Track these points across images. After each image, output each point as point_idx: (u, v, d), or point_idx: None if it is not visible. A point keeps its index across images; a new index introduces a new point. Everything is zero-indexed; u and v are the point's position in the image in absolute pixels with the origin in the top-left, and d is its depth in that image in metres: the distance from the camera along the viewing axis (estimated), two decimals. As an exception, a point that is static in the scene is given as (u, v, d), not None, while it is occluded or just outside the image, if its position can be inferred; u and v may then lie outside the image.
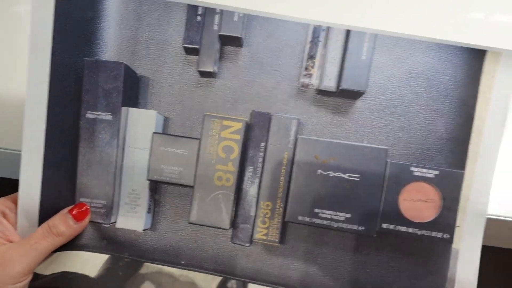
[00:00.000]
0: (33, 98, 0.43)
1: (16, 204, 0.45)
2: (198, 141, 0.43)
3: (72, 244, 0.44)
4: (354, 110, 0.43)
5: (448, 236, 0.41)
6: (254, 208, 0.44)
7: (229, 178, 0.43)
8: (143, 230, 0.45)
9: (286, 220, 0.43)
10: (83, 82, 0.43)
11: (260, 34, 0.43)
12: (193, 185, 0.43)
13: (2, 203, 0.45)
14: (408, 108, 0.43)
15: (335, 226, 0.42)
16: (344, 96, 0.43)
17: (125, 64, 0.43)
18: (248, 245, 0.44)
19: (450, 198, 0.41)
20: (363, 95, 0.43)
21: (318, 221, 0.42)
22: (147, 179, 0.44)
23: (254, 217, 0.44)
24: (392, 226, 0.41)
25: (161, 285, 0.45)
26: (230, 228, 0.44)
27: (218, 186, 0.43)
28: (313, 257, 0.44)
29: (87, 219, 0.44)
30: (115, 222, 0.45)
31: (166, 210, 0.45)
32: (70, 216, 0.43)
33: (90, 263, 0.45)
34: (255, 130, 0.43)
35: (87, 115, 0.43)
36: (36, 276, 0.43)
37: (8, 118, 0.51)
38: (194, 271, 0.45)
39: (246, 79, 0.44)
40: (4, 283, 0.40)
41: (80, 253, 0.45)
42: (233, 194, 0.43)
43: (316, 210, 0.42)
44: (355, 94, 0.43)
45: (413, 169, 0.42)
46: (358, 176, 0.42)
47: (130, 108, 0.44)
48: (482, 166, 0.41)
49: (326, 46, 0.42)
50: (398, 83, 0.43)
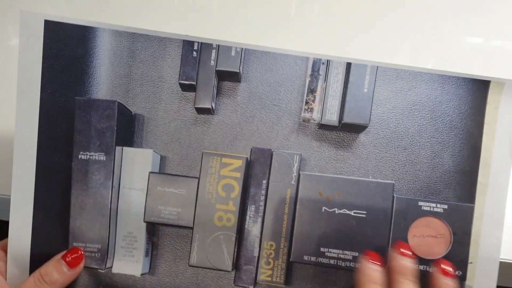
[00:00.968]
0: (22, 140, 0.40)
1: (5, 251, 0.42)
2: (197, 180, 0.41)
3: (65, 292, 0.42)
4: (358, 144, 0.41)
5: (460, 272, 0.39)
6: (257, 248, 0.41)
7: (230, 218, 0.41)
8: (141, 275, 0.42)
9: (291, 260, 0.40)
10: (75, 122, 0.40)
11: (258, 69, 0.42)
12: (192, 226, 0.41)
13: (-10, 251, 0.42)
14: (413, 141, 0.41)
15: (343, 265, 0.40)
16: (346, 130, 0.41)
17: (118, 102, 0.40)
18: (252, 287, 0.41)
19: (461, 233, 0.39)
20: (366, 129, 0.41)
21: (324, 260, 0.40)
22: (144, 221, 0.41)
23: (257, 258, 0.41)
24: (401, 264, 0.39)
25: (161, 332, 0.42)
26: (232, 270, 0.41)
27: (219, 226, 0.41)
28: (320, 299, 0.41)
29: (82, 265, 0.41)
30: (111, 267, 0.42)
31: (164, 253, 0.42)
32: (63, 262, 0.40)
33: (85, 312, 0.42)
34: (256, 167, 0.41)
35: (80, 156, 0.41)
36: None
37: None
38: (196, 317, 0.42)
39: (245, 115, 0.42)
40: None
41: (74, 301, 0.42)
42: (234, 235, 0.41)
43: (322, 249, 0.40)
44: (358, 128, 0.41)
45: (421, 203, 0.40)
46: (364, 212, 0.40)
47: (124, 147, 0.42)
48: (492, 198, 0.39)
49: (326, 79, 0.41)
50: (402, 116, 0.41)
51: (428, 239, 0.39)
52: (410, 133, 0.41)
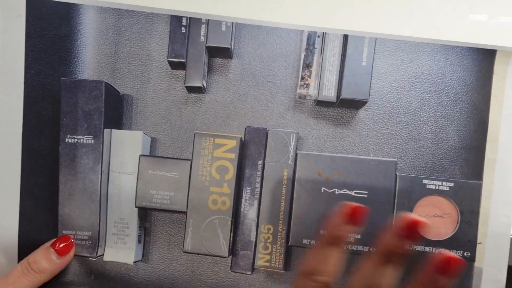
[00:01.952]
0: (6, 123, 0.38)
1: (-7, 240, 0.40)
2: (189, 162, 0.38)
3: (55, 281, 0.39)
4: (357, 120, 0.39)
5: (469, 254, 0.36)
6: (254, 232, 0.39)
7: (225, 201, 0.38)
8: (134, 262, 0.40)
9: (289, 244, 0.38)
10: (61, 104, 0.38)
11: (250, 44, 0.39)
12: (186, 210, 0.38)
13: (-22, 240, 0.40)
14: (415, 116, 0.38)
15: (345, 248, 0.37)
16: (345, 106, 0.39)
17: (106, 82, 0.38)
18: (249, 273, 0.39)
19: (468, 212, 0.36)
20: (366, 104, 0.38)
21: (324, 244, 0.37)
22: (136, 207, 0.39)
23: (254, 242, 0.39)
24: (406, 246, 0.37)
25: (155, 322, 0.39)
26: (229, 255, 0.38)
27: (214, 210, 0.38)
28: (321, 284, 0.39)
29: (72, 253, 0.39)
30: (103, 255, 0.39)
31: (158, 239, 0.40)
32: (52, 250, 0.38)
33: (77, 302, 0.40)
34: (251, 148, 0.39)
35: (67, 140, 0.38)
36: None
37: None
38: (192, 305, 0.39)
39: (238, 93, 0.39)
40: None
41: (65, 291, 0.40)
42: (230, 219, 0.38)
43: (322, 231, 0.37)
44: (357, 104, 0.38)
45: (425, 182, 0.37)
46: (366, 192, 0.37)
47: (113, 130, 0.39)
48: (501, 174, 0.37)
49: (322, 53, 0.38)
50: (403, 90, 0.38)
51: (434, 219, 0.37)
52: (413, 107, 0.38)
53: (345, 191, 0.37)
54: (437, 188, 0.37)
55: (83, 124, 0.38)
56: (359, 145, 0.39)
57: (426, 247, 0.36)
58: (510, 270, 0.36)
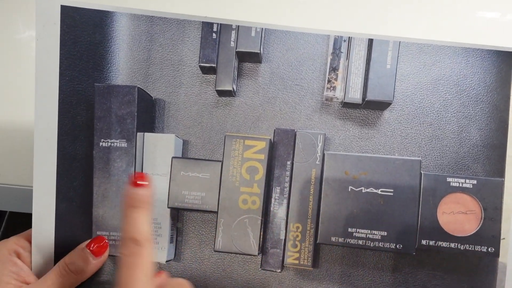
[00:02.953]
0: (42, 129, 0.38)
1: (30, 242, 0.40)
2: (220, 163, 0.39)
3: (92, 281, 0.40)
4: (382, 121, 0.39)
5: (493, 249, 0.37)
6: (284, 231, 0.39)
7: (255, 201, 0.39)
8: (167, 262, 0.40)
9: (318, 242, 0.38)
10: (95, 109, 0.39)
11: (279, 49, 0.40)
12: (217, 210, 0.39)
13: (15, 242, 0.40)
14: (438, 116, 0.39)
15: (371, 245, 0.38)
16: (370, 107, 0.39)
17: (138, 87, 0.39)
18: (279, 270, 0.39)
19: (491, 208, 0.37)
20: (391, 106, 0.39)
21: (352, 241, 0.38)
22: (168, 207, 0.39)
23: (284, 240, 0.39)
24: (432, 242, 0.37)
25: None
26: (259, 254, 0.39)
27: (244, 210, 0.39)
28: (349, 279, 0.39)
29: (106, 253, 0.39)
30: (136, 255, 0.40)
31: (189, 238, 0.41)
32: (88, 251, 0.38)
33: (112, 301, 0.40)
34: (280, 148, 0.39)
35: (101, 144, 0.39)
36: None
37: (18, 152, 0.46)
38: (223, 302, 0.40)
39: (267, 96, 0.40)
40: None
41: (100, 290, 0.40)
42: (260, 218, 0.39)
43: (349, 229, 0.38)
44: (382, 105, 0.39)
45: (449, 179, 0.38)
46: (392, 190, 0.38)
47: (146, 133, 0.40)
48: (522, 172, 0.37)
49: (348, 56, 0.39)
50: (426, 91, 0.39)
51: (458, 216, 0.37)
52: (436, 108, 0.39)
53: (371, 190, 0.38)
54: (460, 185, 0.38)
55: (117, 128, 0.39)
56: (384, 145, 0.39)
57: (452, 244, 0.37)
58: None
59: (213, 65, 0.39)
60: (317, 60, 0.39)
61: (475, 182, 0.37)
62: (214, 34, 0.39)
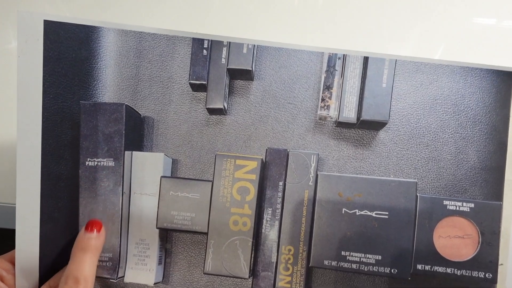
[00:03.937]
0: (25, 148, 0.36)
1: (13, 263, 0.38)
2: (211, 183, 0.37)
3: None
4: (377, 142, 0.38)
5: (490, 275, 0.35)
6: (275, 253, 0.38)
7: (246, 222, 0.37)
8: (155, 284, 0.38)
9: (310, 265, 0.37)
10: (80, 128, 0.37)
11: (271, 66, 0.38)
12: (207, 231, 0.37)
13: (-3, 264, 0.38)
14: (435, 137, 0.37)
15: (365, 269, 0.36)
16: (365, 127, 0.38)
17: (126, 105, 0.37)
18: (270, 294, 0.38)
19: (489, 232, 0.36)
20: (386, 126, 0.37)
21: (346, 265, 0.36)
22: (157, 228, 0.38)
23: (275, 263, 0.37)
24: (427, 267, 0.36)
25: None
26: (249, 277, 0.37)
27: (235, 231, 0.37)
28: (343, 305, 0.38)
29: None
30: (123, 277, 0.38)
31: (178, 260, 0.39)
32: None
33: (98, 325, 0.38)
34: (272, 169, 0.37)
35: (87, 163, 0.37)
36: None
37: (1, 169, 0.44)
38: (213, 326, 0.38)
39: (259, 114, 0.38)
40: None
41: (86, 313, 0.38)
42: (251, 240, 0.37)
43: (343, 253, 0.36)
44: (378, 125, 0.37)
45: (446, 202, 0.36)
46: (387, 213, 0.36)
47: (134, 152, 0.38)
48: (521, 196, 0.36)
49: (343, 75, 0.37)
50: (423, 111, 0.37)
51: (455, 240, 0.36)
52: (432, 128, 0.37)
53: (365, 212, 0.37)
54: (457, 209, 0.36)
55: (103, 147, 0.37)
56: (380, 166, 0.38)
57: (448, 269, 0.36)
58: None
59: (203, 82, 0.37)
60: (310, 78, 0.38)
61: (473, 205, 0.36)
62: (204, 51, 0.37)
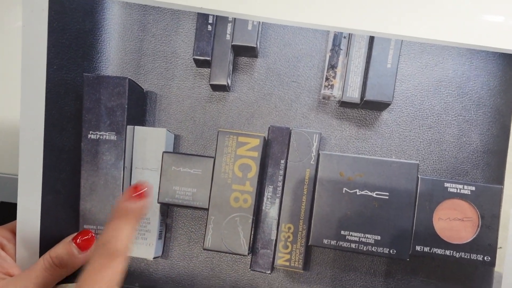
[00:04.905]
0: (28, 119, 0.36)
1: (14, 233, 0.38)
2: (213, 159, 0.37)
3: (76, 275, 0.38)
4: (380, 122, 0.37)
5: (489, 258, 0.35)
6: (275, 231, 0.37)
7: (246, 199, 0.37)
8: (154, 258, 0.38)
9: (310, 244, 0.36)
10: (84, 100, 0.36)
11: (276, 43, 0.37)
12: (207, 207, 0.37)
13: (-1, 233, 0.38)
14: (438, 119, 0.37)
15: (364, 249, 0.36)
16: (368, 107, 0.37)
17: (129, 79, 0.36)
18: (269, 272, 0.37)
19: (489, 216, 0.35)
20: (390, 106, 0.37)
21: (345, 244, 0.36)
22: (158, 202, 0.37)
23: (275, 241, 0.37)
24: (426, 249, 0.35)
25: (175, 317, 0.38)
26: (248, 254, 0.37)
27: (235, 208, 0.37)
28: (341, 283, 0.37)
29: (93, 248, 0.37)
30: (123, 250, 0.38)
31: (178, 235, 0.39)
32: (74, 245, 0.36)
33: (97, 296, 0.38)
34: (274, 147, 0.37)
35: (89, 136, 0.37)
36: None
37: (4, 140, 0.44)
38: (211, 301, 0.38)
39: (262, 92, 0.37)
40: None
41: (85, 285, 0.38)
42: (251, 217, 0.37)
43: (342, 232, 0.36)
44: (381, 106, 0.37)
45: (447, 185, 0.35)
46: (387, 194, 0.36)
47: (136, 126, 0.37)
48: (522, 180, 0.35)
49: (348, 54, 0.36)
50: (427, 93, 0.37)
51: (454, 223, 0.35)
52: (436, 110, 0.37)
53: (366, 192, 0.36)
54: (458, 191, 0.35)
55: (106, 120, 0.36)
56: (382, 146, 0.37)
57: (447, 251, 0.35)
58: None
59: (207, 58, 0.36)
60: (315, 56, 0.37)
61: (474, 188, 0.35)
62: (209, 26, 0.36)
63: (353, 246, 0.36)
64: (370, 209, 0.36)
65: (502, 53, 0.36)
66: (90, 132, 0.37)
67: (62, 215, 0.38)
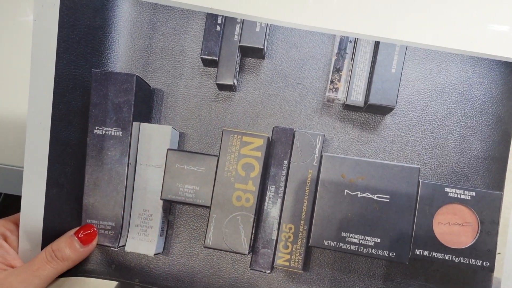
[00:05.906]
0: (35, 112, 0.36)
1: (17, 225, 0.38)
2: (216, 158, 0.37)
3: (78, 269, 0.38)
4: (383, 126, 0.37)
5: (488, 263, 0.35)
6: (276, 231, 0.37)
7: (248, 198, 0.37)
8: (155, 255, 0.38)
9: (310, 244, 0.36)
10: (91, 96, 0.36)
11: (283, 46, 0.37)
12: (209, 205, 0.37)
13: (2, 225, 0.38)
14: (441, 124, 0.37)
15: (364, 251, 0.36)
16: (372, 111, 0.37)
17: (137, 76, 0.36)
18: (268, 271, 0.37)
19: (488, 221, 0.35)
20: (393, 111, 0.37)
21: (345, 246, 0.36)
22: (161, 199, 0.37)
23: (275, 241, 0.37)
24: (426, 253, 0.35)
25: (174, 314, 0.38)
26: (249, 253, 0.37)
27: (237, 206, 0.37)
28: (340, 285, 0.37)
29: (94, 242, 0.37)
30: (125, 246, 0.38)
31: (180, 232, 0.39)
32: (76, 238, 0.36)
33: (97, 291, 0.38)
34: (277, 147, 0.37)
35: (95, 131, 0.37)
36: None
37: (11, 132, 0.44)
38: (210, 299, 0.38)
39: (267, 93, 0.37)
40: None
41: (86, 279, 0.38)
42: (253, 216, 0.37)
43: (343, 234, 0.36)
44: (384, 110, 0.37)
45: (447, 190, 0.35)
46: (388, 197, 0.36)
47: (142, 123, 0.37)
48: (522, 187, 0.35)
49: (353, 58, 0.36)
50: (430, 98, 0.37)
51: (454, 227, 0.35)
52: (438, 116, 0.37)
53: (367, 195, 0.36)
54: (458, 196, 0.35)
55: (112, 116, 0.36)
56: (384, 150, 0.37)
57: (446, 256, 0.35)
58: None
59: (215, 58, 0.37)
60: (321, 59, 0.37)
61: (474, 194, 0.35)
62: (218, 27, 0.36)
63: (353, 248, 0.36)
64: (371, 211, 0.36)
65: (505, 61, 0.36)
66: (96, 127, 0.37)
67: (66, 209, 0.37)
